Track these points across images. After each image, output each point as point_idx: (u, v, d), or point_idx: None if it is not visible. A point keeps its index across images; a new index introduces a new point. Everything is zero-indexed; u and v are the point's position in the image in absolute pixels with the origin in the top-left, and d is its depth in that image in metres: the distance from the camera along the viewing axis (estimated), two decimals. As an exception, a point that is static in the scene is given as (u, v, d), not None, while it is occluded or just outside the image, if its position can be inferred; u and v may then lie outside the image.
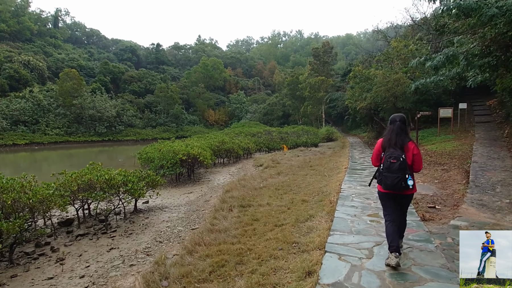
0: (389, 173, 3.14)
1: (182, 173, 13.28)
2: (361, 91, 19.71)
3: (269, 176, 10.17)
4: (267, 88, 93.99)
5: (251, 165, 15.98)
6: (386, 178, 3.17)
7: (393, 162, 3.12)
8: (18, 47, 67.25)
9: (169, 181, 12.55)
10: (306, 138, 26.49)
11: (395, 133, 3.27)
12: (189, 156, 11.91)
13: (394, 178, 3.10)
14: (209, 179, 12.83)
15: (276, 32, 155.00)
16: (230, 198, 6.91)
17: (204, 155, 12.27)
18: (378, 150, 3.42)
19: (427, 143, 14.19)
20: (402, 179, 3.09)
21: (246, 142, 20.29)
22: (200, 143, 15.80)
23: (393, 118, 3.44)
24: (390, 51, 18.65)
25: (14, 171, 19.34)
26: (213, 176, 13.51)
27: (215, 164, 17.27)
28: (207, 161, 12.29)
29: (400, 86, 16.02)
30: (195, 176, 13.72)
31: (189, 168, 12.76)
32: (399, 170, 3.09)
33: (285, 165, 13.05)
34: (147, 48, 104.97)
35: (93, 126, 50.95)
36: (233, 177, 13.05)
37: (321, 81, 47.01)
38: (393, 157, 3.14)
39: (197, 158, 12.04)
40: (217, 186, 11.03)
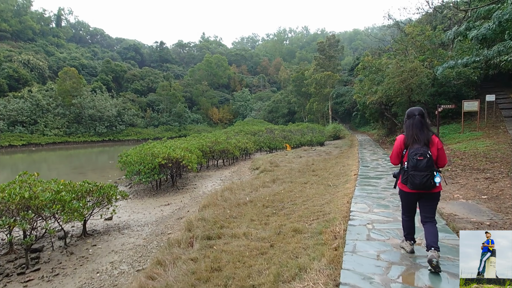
0: (417, 172, 2.91)
1: (167, 178, 11.56)
2: (371, 83, 17.70)
3: (262, 184, 8.36)
4: (273, 85, 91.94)
5: (247, 168, 14.19)
6: (414, 177, 2.92)
7: (420, 159, 2.90)
8: (20, 46, 66.56)
9: (148, 189, 10.84)
10: (311, 136, 24.57)
11: (417, 128, 3.02)
12: (169, 160, 10.16)
13: (423, 176, 2.88)
14: (196, 186, 11.08)
15: (282, 29, 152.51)
16: (200, 221, 5.12)
17: (188, 159, 10.51)
18: (399, 147, 3.15)
19: (451, 142, 12.18)
20: (431, 177, 2.88)
21: (244, 141, 18.49)
22: (189, 144, 14.06)
23: (411, 112, 3.15)
24: (404, 38, 16.59)
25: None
26: (201, 182, 11.75)
27: (208, 167, 15.53)
28: (192, 165, 10.53)
29: (416, 76, 14.00)
30: (182, 182, 11.99)
31: (172, 173, 11.01)
32: (427, 168, 2.88)
33: (283, 169, 11.23)
34: (150, 47, 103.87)
35: (93, 126, 49.72)
36: (224, 183, 11.30)
37: (327, 76, 44.88)
38: (419, 153, 2.92)
39: (179, 162, 10.28)
40: (202, 195, 9.28)
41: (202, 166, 15.43)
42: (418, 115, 3.07)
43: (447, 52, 15.84)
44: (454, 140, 12.35)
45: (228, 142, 15.81)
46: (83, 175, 16.32)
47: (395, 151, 3.19)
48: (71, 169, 19.32)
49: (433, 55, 15.07)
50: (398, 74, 14.29)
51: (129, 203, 9.33)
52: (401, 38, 17.02)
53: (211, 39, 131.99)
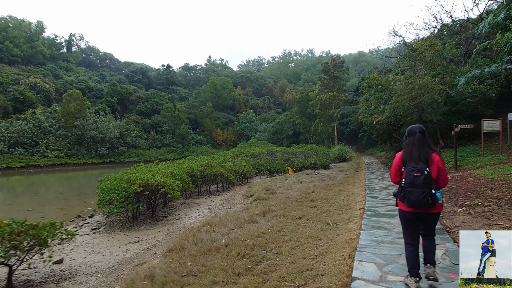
0: (413, 188, 2.78)
1: (148, 206, 10.19)
2: (378, 102, 16.46)
3: (249, 218, 6.95)
4: (278, 106, 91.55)
5: (241, 194, 12.78)
6: (410, 194, 2.79)
7: (417, 175, 2.78)
8: (29, 70, 67.87)
9: (124, 220, 9.47)
10: (314, 159, 23.13)
11: (416, 146, 2.92)
12: (147, 187, 8.86)
13: (420, 193, 2.74)
14: (178, 217, 9.68)
15: (287, 52, 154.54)
16: (146, 279, 3.73)
17: (170, 186, 9.20)
18: (397, 165, 3.06)
19: (471, 166, 10.67)
20: (428, 194, 2.72)
21: (241, 164, 17.19)
22: (177, 167, 12.82)
23: (411, 130, 3.07)
24: (411, 53, 15.47)
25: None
26: (186, 212, 10.35)
27: (200, 193, 14.16)
28: (174, 193, 9.20)
29: (427, 93, 12.72)
30: (165, 211, 10.61)
31: (152, 202, 9.65)
32: (424, 185, 2.74)
33: (279, 197, 9.80)
34: (157, 70, 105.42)
35: (95, 147, 49.10)
36: (211, 213, 9.90)
37: (332, 97, 43.91)
38: (416, 170, 2.80)
39: (158, 189, 8.97)
40: (182, 229, 7.88)
41: (193, 192, 14.08)
42: (419, 133, 2.99)
43: (460, 68, 14.61)
44: (475, 164, 10.83)
45: (222, 165, 14.50)
46: (65, 201, 15.08)
47: (393, 168, 3.12)
48: (56, 194, 18.12)
49: (445, 71, 13.85)
50: (407, 92, 13.04)
51: (95, 238, 7.98)
52: (408, 53, 15.90)
53: (217, 62, 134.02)
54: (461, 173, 9.81)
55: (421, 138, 2.95)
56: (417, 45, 14.90)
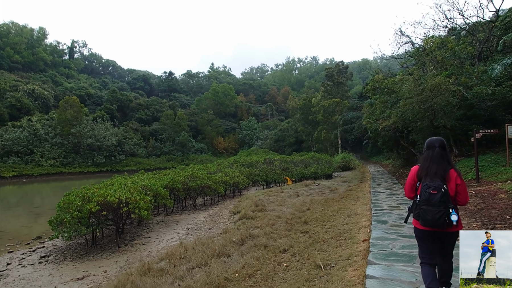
0: (429, 207, 2.59)
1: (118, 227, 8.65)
2: (383, 107, 14.91)
3: (220, 249, 5.42)
4: (281, 114, 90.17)
5: (229, 210, 11.24)
6: (425, 213, 2.59)
7: (433, 193, 2.59)
8: (29, 77, 67.38)
9: (83, 244, 7.97)
10: (315, 168, 21.51)
11: (435, 161, 2.71)
12: (105, 206, 7.37)
13: (435, 212, 2.54)
14: (148, 240, 8.15)
15: (291, 59, 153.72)
16: None
17: (135, 203, 7.69)
18: (412, 179, 2.85)
19: (496, 178, 9.05)
20: (444, 213, 2.52)
21: (234, 175, 15.67)
22: (154, 180, 11.34)
23: (431, 143, 2.85)
24: (421, 52, 13.97)
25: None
26: (159, 233, 8.81)
27: (184, 207, 12.63)
28: (141, 212, 7.68)
29: (440, 95, 11.16)
30: (135, 231, 9.10)
31: (117, 223, 8.12)
32: (440, 203, 2.55)
33: (268, 216, 8.24)
34: (159, 77, 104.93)
35: (92, 155, 47.89)
36: (189, 234, 8.39)
37: (336, 103, 42.46)
38: (433, 187, 2.61)
39: (119, 208, 7.46)
40: (146, 257, 6.37)
41: (177, 207, 12.57)
42: (439, 147, 2.77)
43: (475, 68, 13.06)
44: (501, 176, 9.20)
45: (209, 177, 12.97)
46: (36, 217, 13.63)
47: (408, 183, 2.89)
48: (33, 207, 16.71)
49: (459, 71, 12.30)
50: (417, 93, 11.49)
51: (37, 271, 6.48)
52: (417, 50, 14.35)
53: (220, 69, 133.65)
54: (486, 187, 8.20)
55: (441, 153, 2.76)
56: (427, 43, 13.39)
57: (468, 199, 2.75)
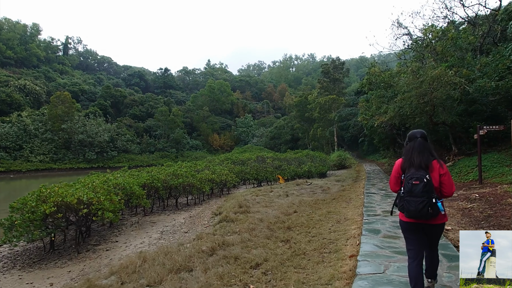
0: (412, 197, 2.54)
1: (83, 231, 7.80)
2: (380, 102, 14.09)
3: (184, 262, 4.60)
4: (277, 111, 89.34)
5: (211, 211, 10.41)
6: (409, 204, 2.56)
7: (416, 183, 2.55)
8: (22, 72, 65.98)
9: (40, 250, 7.11)
10: (309, 166, 20.69)
11: (416, 152, 2.69)
12: (63, 207, 6.51)
13: (418, 202, 2.49)
14: (113, 246, 7.30)
15: (288, 56, 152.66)
16: None
17: (99, 204, 6.83)
18: (397, 172, 2.83)
19: (501, 180, 8.26)
20: (428, 203, 2.47)
21: (223, 173, 14.85)
22: (131, 177, 10.49)
23: (412, 134, 2.84)
24: (419, 43, 13.14)
25: None
26: (128, 237, 7.96)
27: (166, 207, 11.77)
28: (106, 214, 6.82)
29: (441, 88, 10.35)
30: (105, 234, 8.24)
31: (79, 226, 7.24)
32: (423, 193, 2.50)
33: (250, 219, 7.43)
34: (155, 73, 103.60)
35: (83, 152, 46.81)
36: (161, 238, 7.56)
37: (332, 100, 41.63)
38: (415, 177, 2.57)
39: (79, 209, 6.59)
40: (106, 266, 5.53)
41: (159, 207, 11.73)
42: (420, 137, 2.76)
43: (478, 60, 12.25)
44: (505, 177, 8.40)
45: (194, 175, 12.11)
46: (6, 216, 12.68)
47: (392, 176, 2.90)
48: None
49: (461, 63, 11.48)
50: (415, 86, 10.67)
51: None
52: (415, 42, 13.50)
53: (217, 66, 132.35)
54: (490, 189, 7.41)
55: (423, 143, 2.71)
56: (426, 32, 12.56)
57: (454, 189, 2.68)
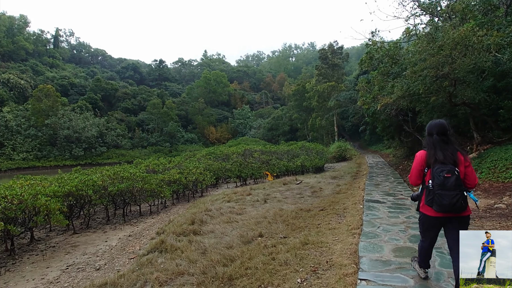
0: (445, 191, 2.46)
1: None
2: (383, 80, 11.35)
3: None
4: (276, 102, 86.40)
5: (159, 226, 7.85)
6: (442, 198, 2.46)
7: (448, 176, 2.46)
8: (8, 66, 63.31)
9: None
10: (302, 160, 18.08)
11: (439, 149, 2.59)
12: None
13: (452, 196, 2.43)
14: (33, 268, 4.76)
15: (287, 45, 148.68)
16: None
17: None
18: (421, 165, 2.72)
19: None
20: (461, 197, 2.43)
21: (195, 172, 12.30)
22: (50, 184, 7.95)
23: (429, 130, 2.74)
24: (434, 4, 10.35)
25: None
26: (20, 272, 5.41)
27: (112, 218, 9.22)
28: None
29: (467, 55, 7.61)
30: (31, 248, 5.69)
31: None
32: (456, 186, 2.44)
33: (193, 247, 4.90)
34: (149, 65, 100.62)
35: (69, 148, 44.41)
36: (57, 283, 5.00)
37: (331, 87, 38.75)
38: (446, 170, 2.48)
39: None
40: None
41: (103, 218, 9.20)
42: (436, 134, 2.65)
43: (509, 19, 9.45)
44: None
45: (145, 176, 9.52)
46: None
47: (415, 169, 2.76)
48: None
49: (490, 23, 8.71)
50: (431, 53, 7.93)
51: None
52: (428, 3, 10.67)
53: (214, 57, 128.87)
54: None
55: (442, 139, 2.62)
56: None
57: (477, 181, 2.60)
